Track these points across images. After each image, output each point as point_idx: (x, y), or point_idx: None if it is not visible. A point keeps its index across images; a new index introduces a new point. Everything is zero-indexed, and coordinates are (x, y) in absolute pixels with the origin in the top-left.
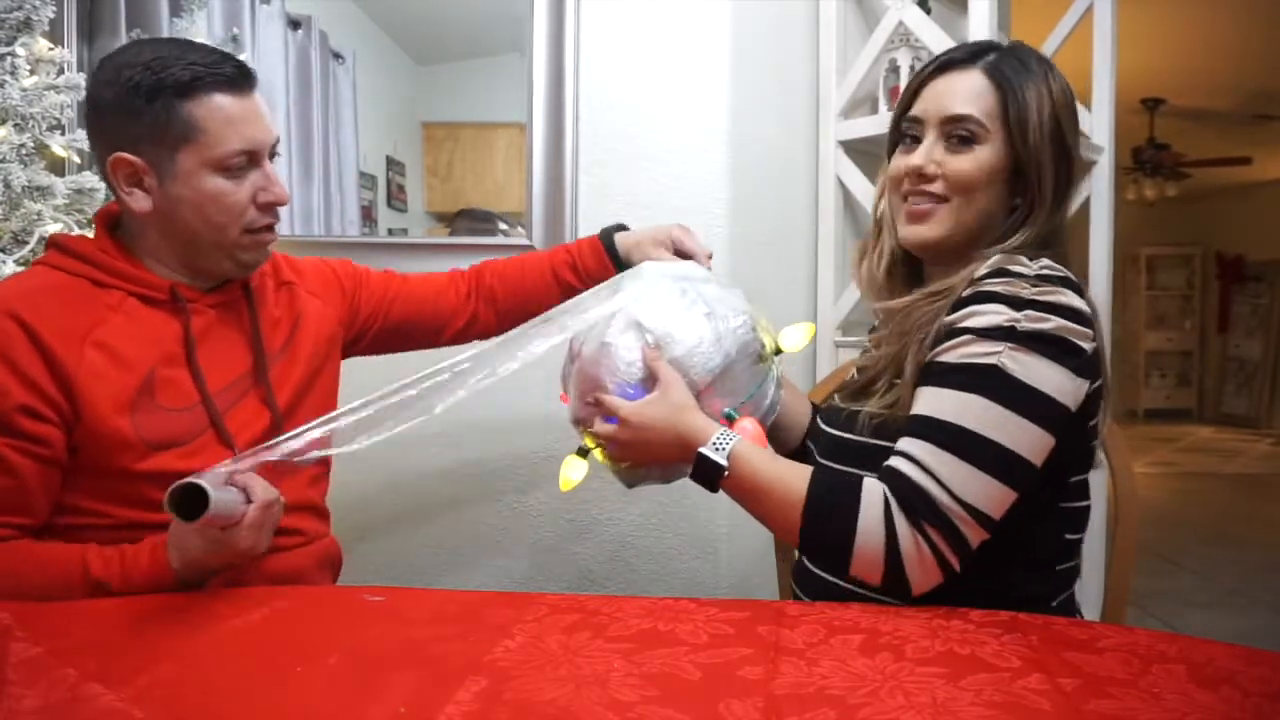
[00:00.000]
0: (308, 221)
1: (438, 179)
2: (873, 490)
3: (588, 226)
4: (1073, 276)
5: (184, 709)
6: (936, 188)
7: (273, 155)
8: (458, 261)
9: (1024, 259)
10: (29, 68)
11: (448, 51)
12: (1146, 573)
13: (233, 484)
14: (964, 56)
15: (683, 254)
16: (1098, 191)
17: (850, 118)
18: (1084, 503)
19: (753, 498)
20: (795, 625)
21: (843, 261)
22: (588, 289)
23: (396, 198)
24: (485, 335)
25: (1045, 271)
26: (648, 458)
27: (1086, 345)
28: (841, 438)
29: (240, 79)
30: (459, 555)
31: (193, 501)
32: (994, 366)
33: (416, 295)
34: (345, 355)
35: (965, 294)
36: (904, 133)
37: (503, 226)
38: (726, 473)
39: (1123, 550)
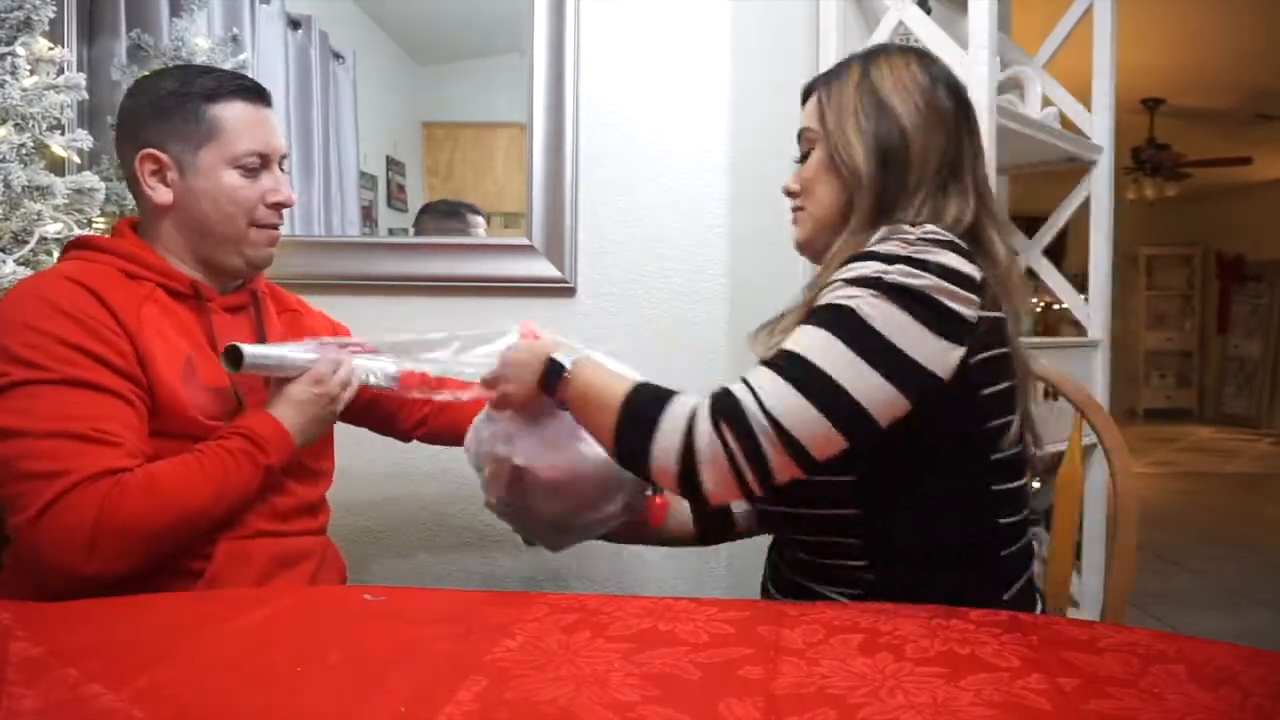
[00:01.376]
0: (308, 221)
1: (438, 179)
2: (684, 399)
3: (588, 226)
4: (959, 242)
5: (184, 709)
6: (797, 201)
7: (282, 166)
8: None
9: (906, 228)
10: (29, 68)
11: (448, 51)
12: (1146, 573)
13: (310, 350)
14: (812, 82)
15: None
16: (1098, 192)
17: None
18: (1017, 483)
19: (583, 402)
20: (795, 625)
21: None
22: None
23: (397, 198)
24: (430, 437)
25: (929, 236)
26: (518, 389)
27: (963, 309)
28: None
29: (257, 93)
30: (458, 555)
31: (234, 357)
32: (849, 309)
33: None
34: None
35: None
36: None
37: (477, 219)
38: (567, 373)
39: (1123, 550)
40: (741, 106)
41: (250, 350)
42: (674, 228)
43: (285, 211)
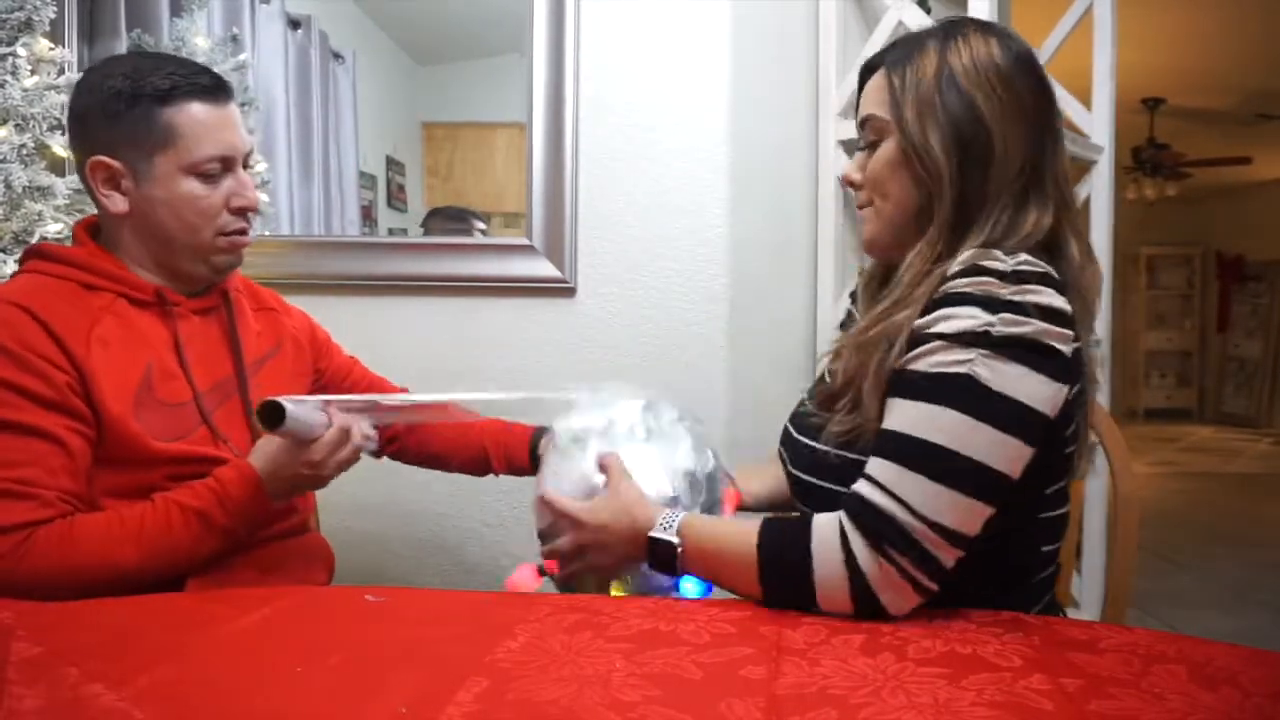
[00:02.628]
0: (308, 221)
1: (438, 179)
2: (824, 524)
3: (588, 226)
4: (1052, 272)
5: (185, 709)
6: (863, 195)
7: (246, 164)
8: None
9: (999, 253)
10: (30, 68)
11: (448, 51)
12: (1146, 573)
13: (322, 410)
14: (875, 59)
15: None
16: (1098, 191)
17: (850, 118)
18: (1062, 510)
19: (712, 565)
20: (797, 625)
21: (843, 261)
22: (499, 470)
23: (397, 198)
24: (399, 456)
25: (1023, 268)
26: (608, 559)
27: (1065, 348)
28: (813, 448)
29: (216, 90)
30: (459, 555)
31: (275, 416)
32: (965, 375)
33: (369, 392)
34: None
35: (936, 296)
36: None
37: (480, 226)
38: (680, 547)
39: (1123, 550)
40: (741, 106)
41: (294, 411)
42: (674, 228)
43: (284, 211)
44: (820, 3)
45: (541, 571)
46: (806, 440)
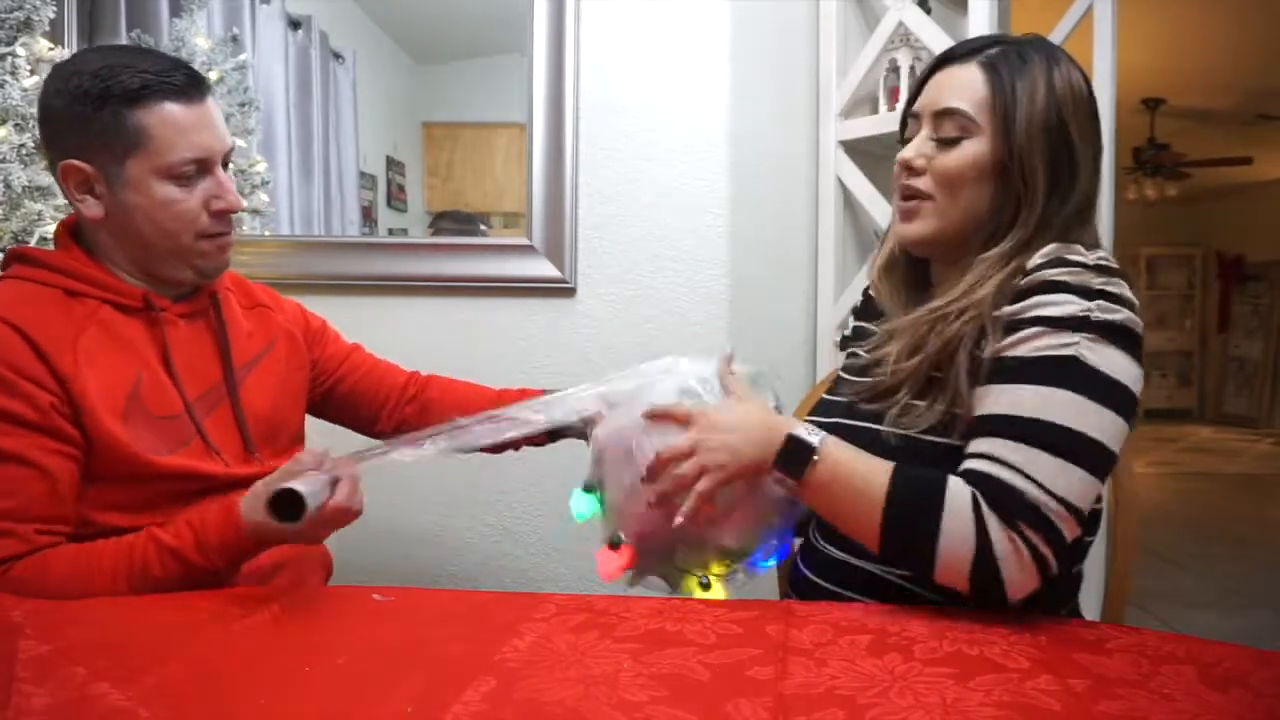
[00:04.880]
0: (308, 221)
1: (438, 179)
2: (959, 491)
3: (588, 226)
4: (1120, 268)
5: (191, 708)
6: (923, 183)
7: (226, 164)
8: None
9: (1080, 248)
10: (29, 68)
11: (448, 51)
12: (1146, 573)
13: (330, 484)
14: (965, 50)
15: None
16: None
17: (850, 118)
18: (1100, 504)
19: (838, 490)
20: (803, 625)
21: (843, 261)
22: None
23: (396, 198)
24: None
25: (1104, 262)
26: (726, 458)
27: (1143, 335)
28: (877, 431)
29: (190, 87)
30: (459, 556)
31: (288, 504)
32: (1073, 358)
33: (371, 377)
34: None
35: (1024, 284)
36: (906, 127)
37: (483, 228)
38: (817, 456)
39: (1123, 550)
40: (741, 106)
41: (310, 500)
42: (674, 228)
43: (284, 211)
44: (820, 3)
45: (613, 544)
46: (864, 424)
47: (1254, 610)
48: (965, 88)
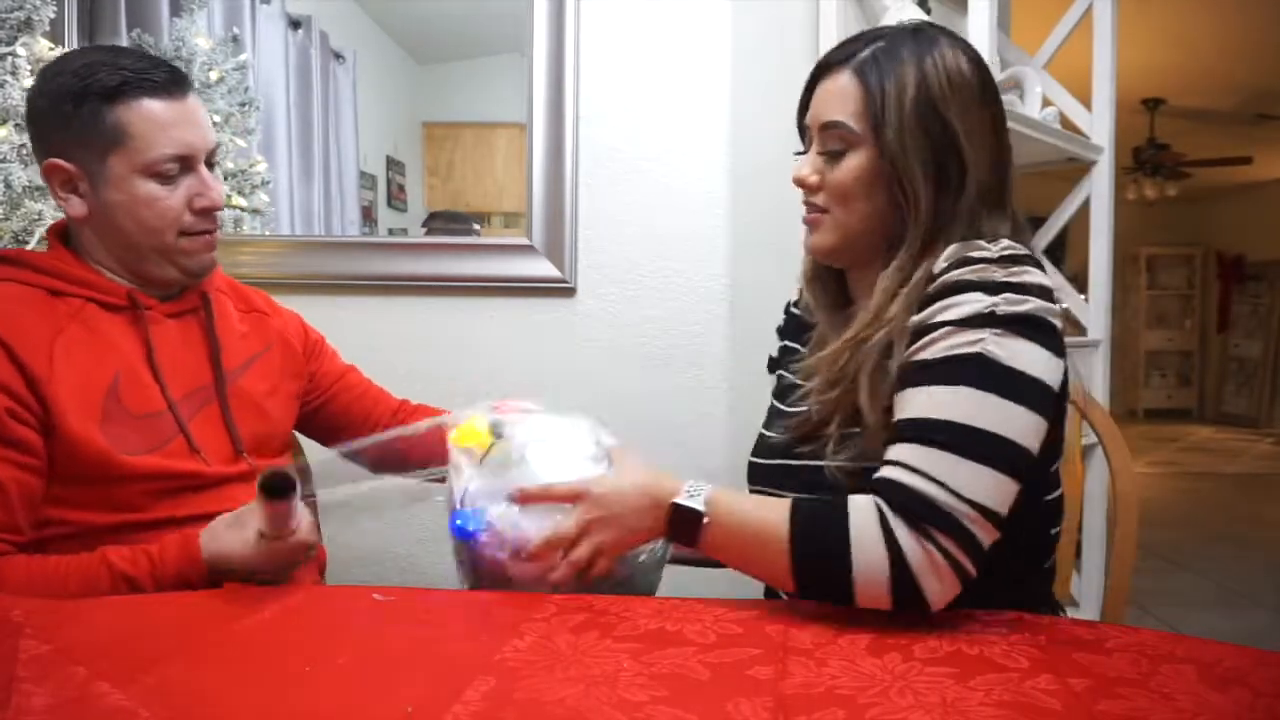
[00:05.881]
0: (308, 221)
1: (438, 179)
2: (862, 506)
3: (588, 226)
4: (1031, 251)
5: (192, 708)
6: (819, 199)
7: (211, 162)
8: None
9: (981, 243)
10: (29, 68)
11: (448, 51)
12: (1146, 573)
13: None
14: (840, 57)
15: None
16: (1098, 191)
17: None
18: (1059, 490)
19: (739, 544)
20: (803, 625)
21: None
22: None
23: (397, 198)
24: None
25: (1008, 252)
26: (620, 534)
27: (1058, 323)
28: (818, 468)
29: (171, 84)
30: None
31: (278, 488)
32: (979, 355)
33: (363, 400)
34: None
35: (930, 291)
36: (802, 139)
37: (475, 227)
38: (706, 519)
39: (1123, 550)
40: (741, 106)
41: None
42: (674, 228)
43: (284, 211)
44: (820, 3)
45: None
46: (806, 463)
47: (1254, 610)
48: (840, 98)
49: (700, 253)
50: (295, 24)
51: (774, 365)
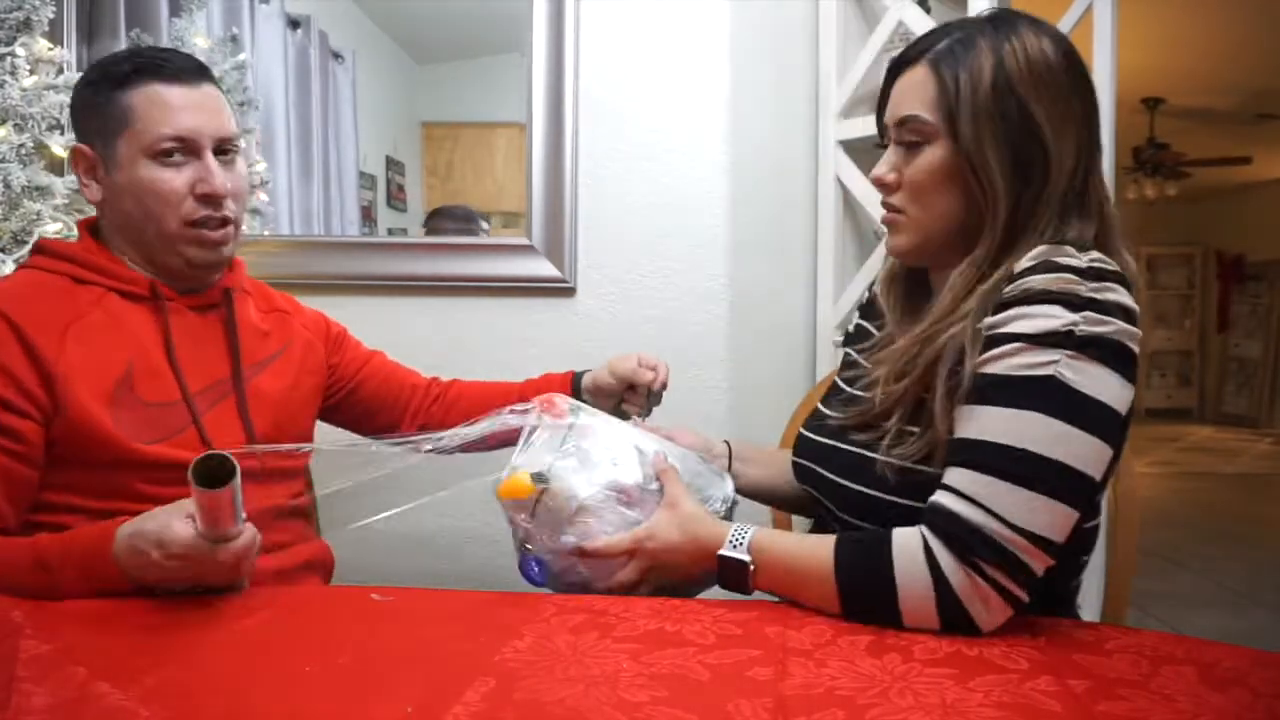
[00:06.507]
0: (308, 221)
1: (438, 179)
2: (905, 540)
3: (587, 226)
4: (1122, 268)
5: (191, 709)
6: (896, 199)
7: (223, 151)
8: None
9: (1070, 249)
10: (29, 68)
11: (448, 51)
12: (1146, 573)
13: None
14: (916, 51)
15: (636, 388)
16: None
17: (850, 117)
18: (1097, 519)
19: (787, 584)
20: (802, 626)
21: (843, 261)
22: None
23: (396, 198)
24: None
25: (1098, 264)
26: (676, 578)
27: (1137, 349)
28: (868, 458)
29: (185, 71)
30: (463, 555)
31: (216, 475)
32: (1051, 379)
33: (391, 382)
34: (321, 412)
35: (1008, 293)
36: (881, 139)
37: (484, 226)
38: (753, 566)
39: (1123, 550)
40: (741, 106)
41: (238, 480)
42: (674, 228)
43: (284, 211)
44: (820, 3)
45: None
46: (859, 451)
47: (1254, 610)
48: (916, 91)
49: (700, 253)
50: (294, 24)
51: (847, 340)
